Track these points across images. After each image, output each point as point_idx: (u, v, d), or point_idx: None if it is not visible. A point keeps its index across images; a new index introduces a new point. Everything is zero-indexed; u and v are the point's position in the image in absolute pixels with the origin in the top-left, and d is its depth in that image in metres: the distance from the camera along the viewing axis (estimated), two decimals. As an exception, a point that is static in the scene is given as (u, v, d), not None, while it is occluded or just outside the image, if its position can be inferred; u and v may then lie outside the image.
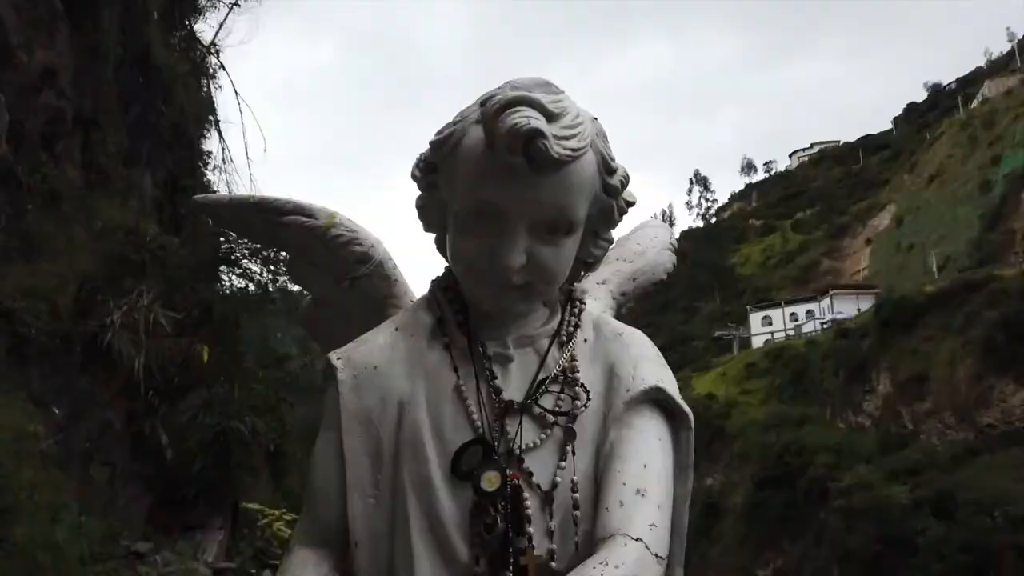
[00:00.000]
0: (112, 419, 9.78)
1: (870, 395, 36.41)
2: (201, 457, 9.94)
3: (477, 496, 1.06)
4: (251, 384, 11.50)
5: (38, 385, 8.80)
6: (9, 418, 7.89)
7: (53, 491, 8.16)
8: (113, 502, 9.65)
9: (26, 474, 7.64)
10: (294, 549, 1.20)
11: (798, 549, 33.15)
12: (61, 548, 7.68)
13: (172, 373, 10.21)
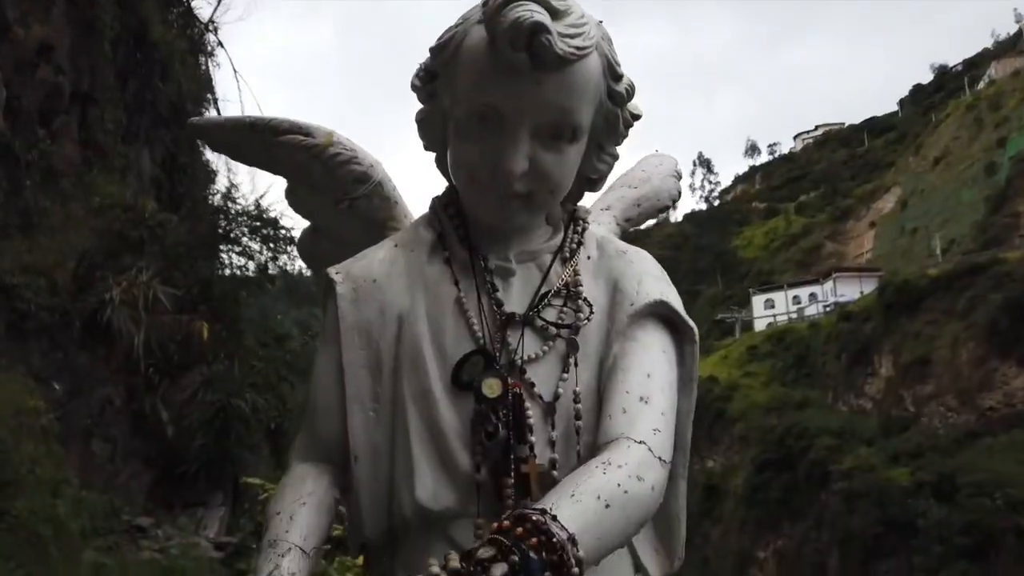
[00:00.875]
0: (112, 395, 9.80)
1: (872, 378, 36.42)
2: (202, 434, 9.98)
3: (478, 403, 1.05)
4: (251, 362, 11.52)
5: (38, 361, 8.82)
6: (9, 393, 7.91)
7: (54, 466, 8.20)
8: (114, 478, 9.69)
9: (26, 449, 7.67)
10: (293, 465, 1.19)
11: (799, 531, 33.31)
12: (62, 522, 7.72)
13: (172, 350, 10.23)
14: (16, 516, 6.85)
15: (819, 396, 38.50)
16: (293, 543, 1.06)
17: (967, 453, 29.46)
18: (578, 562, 0.84)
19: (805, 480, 33.34)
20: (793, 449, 34.30)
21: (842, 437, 33.48)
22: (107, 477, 9.49)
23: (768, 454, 35.10)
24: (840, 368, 38.05)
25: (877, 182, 60.51)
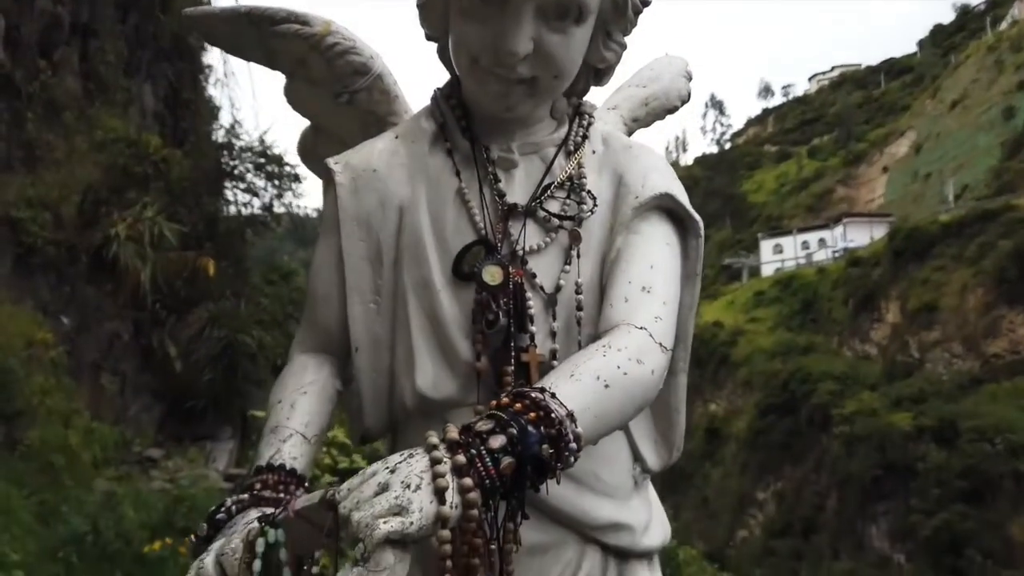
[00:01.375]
0: (120, 330, 9.89)
1: (878, 324, 36.46)
2: (209, 369, 10.09)
3: (479, 291, 1.04)
4: (258, 299, 11.58)
5: (46, 295, 8.87)
6: (18, 326, 7.98)
7: (64, 398, 8.32)
8: (124, 411, 9.84)
9: (37, 380, 7.78)
10: (294, 356, 1.18)
11: (799, 473, 33.85)
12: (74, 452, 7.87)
13: (178, 286, 10.27)
14: (29, 445, 7.00)
15: (824, 342, 38.63)
16: (295, 429, 1.06)
17: (970, 399, 29.66)
18: (576, 438, 0.84)
19: (807, 424, 33.72)
20: (796, 394, 34.59)
21: (845, 382, 33.70)
22: (117, 410, 9.66)
23: (771, 398, 35.43)
24: (846, 314, 38.06)
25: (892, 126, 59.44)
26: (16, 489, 6.38)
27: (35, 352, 7.96)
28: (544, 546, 1.00)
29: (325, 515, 0.78)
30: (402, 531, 0.71)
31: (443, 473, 0.75)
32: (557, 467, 0.81)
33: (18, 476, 6.64)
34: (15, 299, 8.16)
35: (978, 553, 25.75)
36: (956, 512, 26.80)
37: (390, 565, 0.71)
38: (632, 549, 1.04)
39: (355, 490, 0.76)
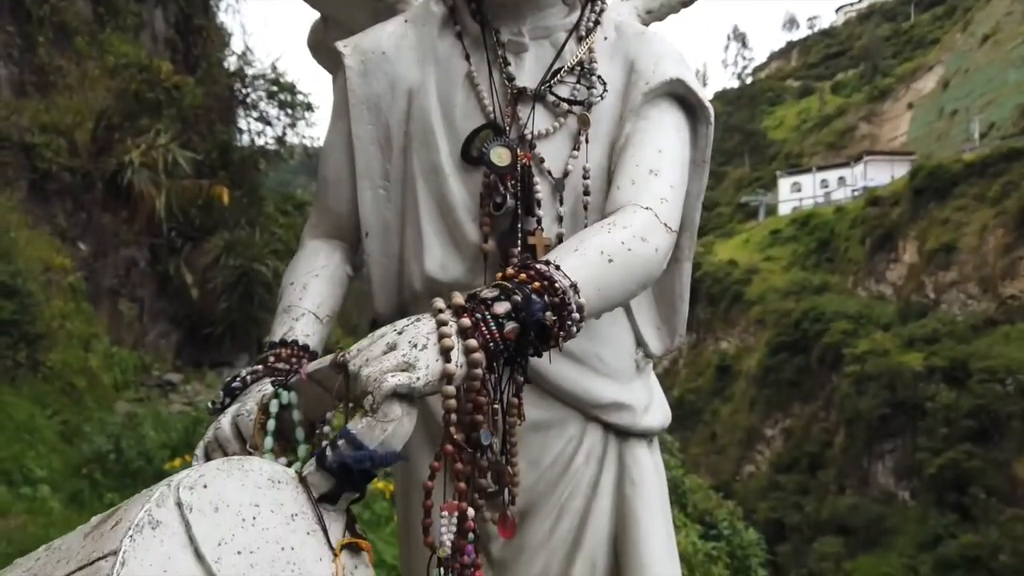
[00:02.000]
0: (137, 257, 9.98)
1: (895, 264, 36.17)
2: (226, 297, 10.20)
3: (487, 173, 1.04)
4: (272, 229, 11.61)
5: (62, 221, 8.94)
6: (36, 251, 8.06)
7: (84, 322, 8.46)
8: (142, 337, 10.01)
9: (56, 305, 7.90)
10: (306, 241, 1.21)
11: (807, 411, 34.17)
12: (95, 374, 8.05)
13: (193, 214, 10.31)
14: (50, 367, 7.16)
15: (839, 281, 38.43)
16: (307, 309, 1.08)
17: (983, 340, 29.59)
18: (578, 308, 0.85)
19: (818, 363, 33.86)
20: (808, 332, 34.63)
21: (859, 322, 33.66)
22: (136, 336, 9.84)
23: (783, 337, 35.50)
24: (863, 254, 37.74)
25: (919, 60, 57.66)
26: (40, 409, 6.57)
27: (53, 277, 8.07)
28: (548, 423, 1.03)
29: (335, 377, 0.81)
30: (409, 385, 0.73)
31: (449, 334, 0.77)
32: (559, 335, 0.83)
33: (41, 397, 6.81)
34: (32, 225, 8.24)
35: (982, 491, 26.13)
36: (962, 451, 27.09)
37: (397, 416, 0.73)
38: (632, 428, 1.07)
39: (364, 350, 0.78)
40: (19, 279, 6.87)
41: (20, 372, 6.84)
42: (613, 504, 1.05)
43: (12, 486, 5.16)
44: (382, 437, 0.72)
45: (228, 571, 0.62)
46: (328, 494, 0.73)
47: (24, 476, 5.34)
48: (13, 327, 6.71)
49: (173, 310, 10.37)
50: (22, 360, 6.85)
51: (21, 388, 6.72)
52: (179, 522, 0.62)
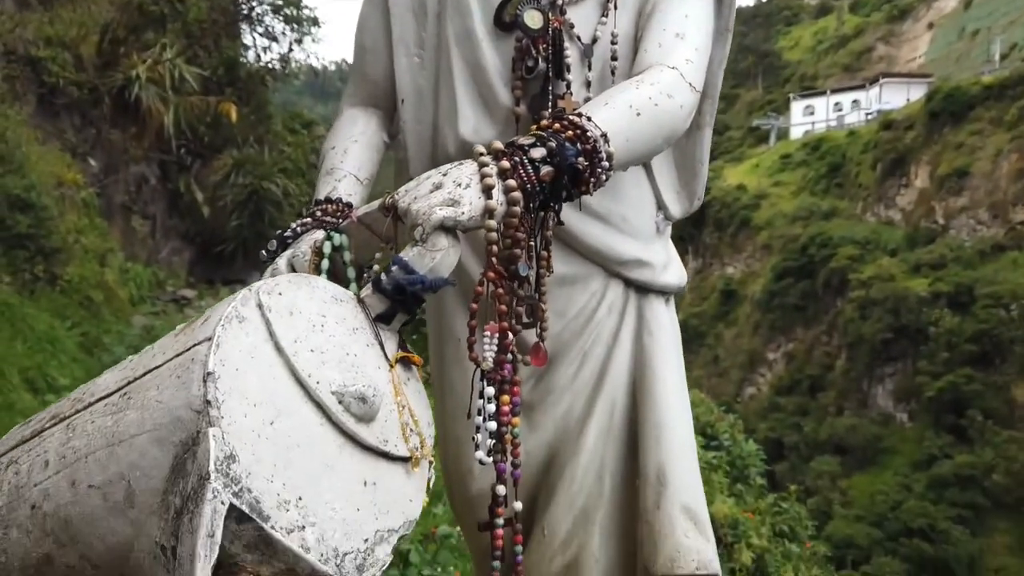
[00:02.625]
0: (147, 174, 9.99)
1: (905, 189, 35.80)
2: (236, 215, 10.26)
3: (519, 37, 1.08)
4: (280, 147, 11.56)
5: (72, 136, 8.92)
6: (48, 165, 8.07)
7: (99, 238, 8.55)
8: (156, 254, 10.12)
9: (71, 220, 7.96)
10: (344, 109, 1.27)
11: (810, 335, 34.48)
12: (111, 288, 8.17)
13: (202, 131, 10.26)
14: (68, 281, 7.27)
15: (848, 207, 38.14)
16: (348, 171, 1.16)
17: (990, 266, 29.56)
18: (608, 156, 0.91)
19: (823, 288, 33.97)
20: (815, 258, 34.61)
21: (866, 247, 33.60)
22: (149, 253, 9.95)
23: (789, 262, 35.51)
24: (873, 179, 37.31)
25: (943, -23, 55.52)
26: (59, 321, 6.71)
27: (66, 192, 8.11)
28: (574, 277, 1.11)
29: (383, 219, 0.88)
30: (455, 218, 0.81)
31: (490, 174, 0.84)
32: (590, 181, 0.90)
33: (60, 309, 6.95)
34: (42, 140, 8.23)
35: (980, 413, 26.60)
36: (962, 375, 27.44)
37: (444, 247, 0.81)
38: (651, 284, 1.15)
39: (412, 190, 0.85)
40: (33, 193, 6.91)
41: (38, 285, 6.95)
42: (632, 352, 1.14)
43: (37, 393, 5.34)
44: (431, 264, 0.80)
45: (303, 364, 0.71)
46: (383, 314, 0.81)
47: (48, 384, 5.51)
48: (29, 241, 6.79)
49: (185, 227, 10.45)
50: (40, 273, 6.96)
51: (40, 301, 6.85)
52: (260, 320, 0.71)
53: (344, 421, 0.71)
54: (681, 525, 1.06)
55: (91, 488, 0.66)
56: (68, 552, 0.68)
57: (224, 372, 0.64)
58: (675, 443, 1.09)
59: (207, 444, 0.61)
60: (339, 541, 0.66)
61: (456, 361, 1.16)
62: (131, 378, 0.72)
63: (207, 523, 0.58)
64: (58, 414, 0.77)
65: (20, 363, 5.53)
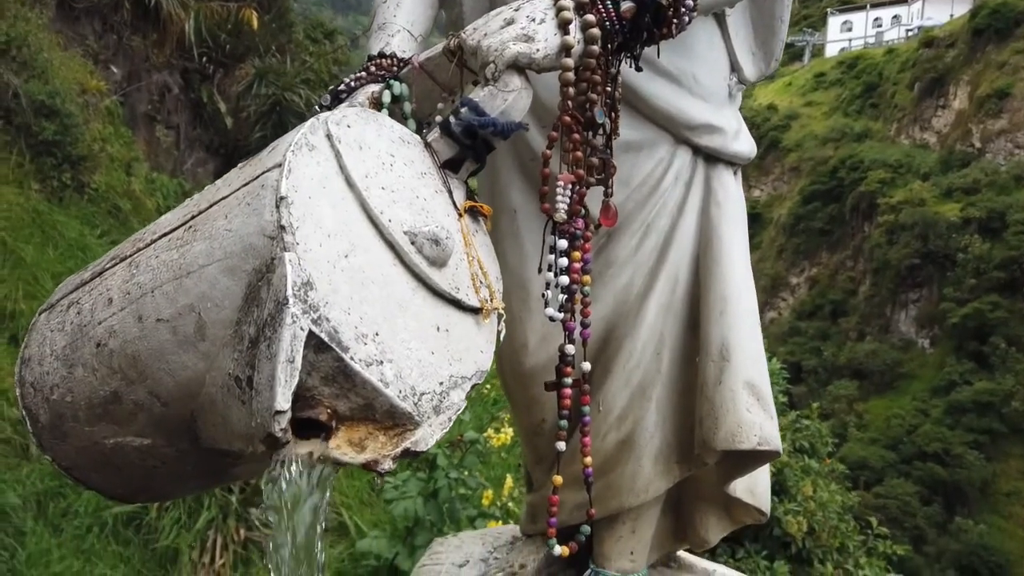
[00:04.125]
0: (170, 83, 9.87)
1: (942, 111, 34.60)
2: (260, 127, 10.15)
3: None
4: (303, 57, 11.33)
5: (93, 43, 8.78)
6: (71, 72, 7.98)
7: (124, 147, 8.52)
8: (181, 164, 10.10)
9: (96, 127, 7.92)
10: None
11: (834, 260, 34.11)
12: (138, 197, 8.19)
13: (223, 40, 10.06)
14: (96, 189, 7.29)
15: (882, 128, 37.04)
16: (401, 26, 1.09)
17: None
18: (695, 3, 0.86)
19: (851, 212, 33.40)
20: (844, 181, 33.91)
21: (898, 171, 32.80)
22: (174, 163, 9.92)
23: (817, 185, 34.85)
24: (910, 99, 36.08)
25: None
26: (89, 229, 6.76)
27: (90, 100, 8.04)
28: (640, 143, 1.05)
29: (447, 65, 0.82)
30: (529, 55, 0.75)
31: (567, 7, 0.78)
32: (673, 22, 0.83)
33: (89, 217, 6.99)
34: (64, 45, 8.11)
35: (1003, 340, 26.41)
36: (988, 301, 27.13)
37: (517, 88, 0.75)
38: (722, 151, 1.09)
39: (482, 26, 0.79)
40: (58, 100, 6.86)
41: (67, 193, 6.98)
42: (698, 224, 1.09)
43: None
44: (503, 106, 0.75)
45: (375, 201, 0.67)
46: (451, 161, 0.77)
47: (80, 288, 5.59)
48: (56, 148, 6.78)
49: (208, 138, 10.38)
50: (68, 181, 6.97)
51: (69, 208, 6.89)
52: (330, 150, 0.66)
53: (417, 263, 0.68)
54: (743, 400, 1.03)
55: (159, 322, 0.64)
56: (136, 389, 0.66)
57: (297, 198, 0.61)
58: (740, 317, 1.05)
59: (283, 269, 0.57)
60: (416, 380, 0.64)
61: (511, 235, 1.12)
62: (195, 212, 0.68)
63: (286, 348, 0.56)
64: (118, 255, 0.74)
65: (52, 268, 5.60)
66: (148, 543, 3.36)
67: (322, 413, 0.59)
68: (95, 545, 3.21)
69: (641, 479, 1.11)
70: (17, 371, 0.75)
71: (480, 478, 3.48)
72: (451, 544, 1.39)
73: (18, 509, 3.19)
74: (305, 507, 0.59)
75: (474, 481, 3.30)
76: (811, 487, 6.18)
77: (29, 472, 3.54)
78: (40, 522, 3.21)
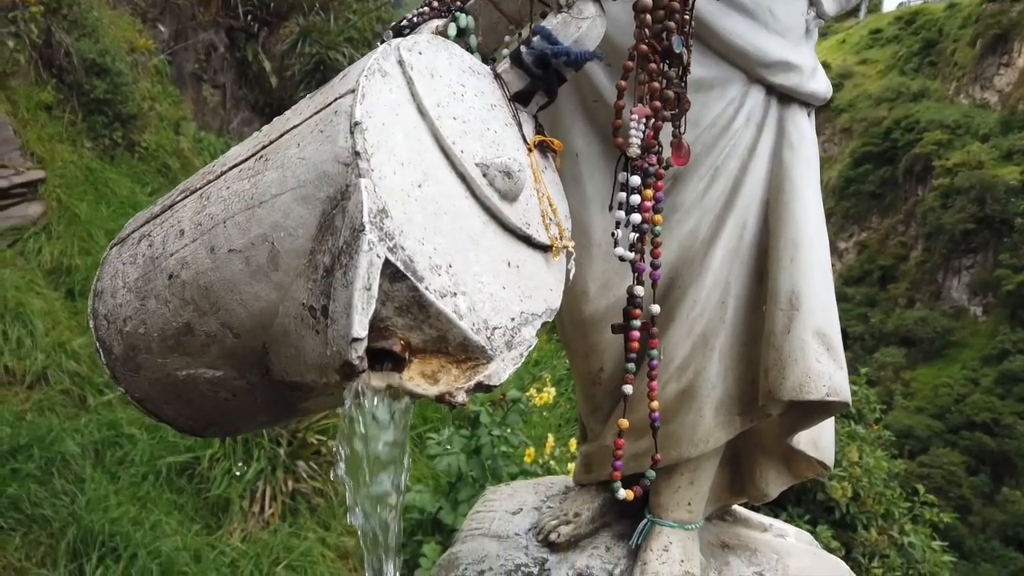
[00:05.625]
0: (216, 42, 9.93)
1: (1005, 69, 33.13)
2: (304, 86, 10.17)
3: None
4: (347, 15, 11.29)
5: (141, 1, 8.85)
6: (119, 30, 8.06)
7: (172, 106, 8.63)
8: (227, 124, 10.20)
9: (144, 87, 8.02)
10: None
11: (885, 225, 33.27)
12: (187, 157, 8.31)
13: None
14: (146, 148, 7.42)
15: (940, 87, 35.69)
16: None
17: (1091, 153, 27.61)
18: None
19: (904, 174, 32.43)
20: (898, 143, 32.88)
21: (955, 132, 31.66)
22: (220, 123, 10.03)
23: (870, 147, 33.86)
24: (972, 57, 34.59)
25: None
26: (139, 187, 6.89)
27: (138, 58, 8.13)
28: (710, 82, 1.00)
29: None
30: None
31: None
32: None
33: (139, 175, 7.12)
34: (112, 4, 8.18)
35: (1061, 308, 25.62)
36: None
37: (591, 15, 0.72)
38: (797, 90, 1.04)
39: None
40: (108, 58, 6.94)
41: (118, 151, 7.10)
42: (769, 168, 1.04)
43: (125, 253, 5.55)
44: (576, 35, 0.72)
45: (447, 131, 0.65)
46: (521, 93, 0.74)
47: (135, 245, 5.71)
48: (107, 106, 6.89)
49: (254, 97, 10.46)
50: (119, 139, 7.09)
51: (120, 166, 7.02)
52: (402, 77, 0.65)
53: (488, 196, 0.66)
54: (813, 349, 1.00)
55: (231, 253, 0.63)
56: (208, 320, 0.66)
57: (371, 124, 0.59)
58: (811, 264, 1.01)
59: (359, 196, 0.56)
60: (488, 314, 0.62)
61: (572, 179, 1.08)
62: (265, 143, 0.67)
63: (363, 275, 0.55)
64: (187, 188, 0.74)
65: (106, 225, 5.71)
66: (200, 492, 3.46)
67: (396, 344, 0.58)
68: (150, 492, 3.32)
69: (701, 430, 1.09)
70: (90, 304, 0.75)
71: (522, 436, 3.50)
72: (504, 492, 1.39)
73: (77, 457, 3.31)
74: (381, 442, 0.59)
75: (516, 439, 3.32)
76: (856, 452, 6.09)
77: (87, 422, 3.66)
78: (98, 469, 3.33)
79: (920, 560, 5.05)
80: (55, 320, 4.29)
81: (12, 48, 5.84)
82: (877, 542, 5.06)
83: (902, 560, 4.98)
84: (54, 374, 3.89)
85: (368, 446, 0.59)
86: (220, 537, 3.24)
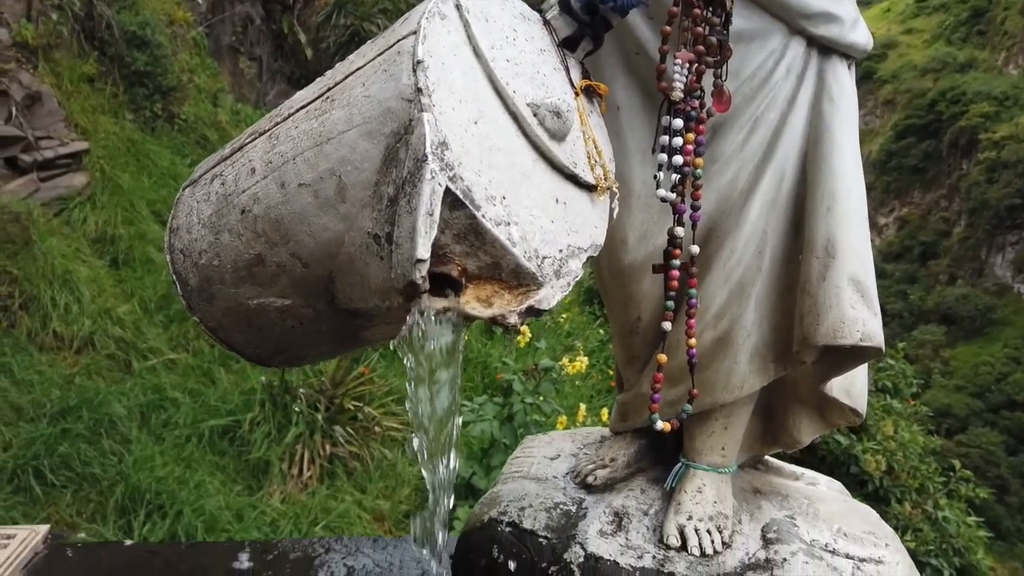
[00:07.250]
0: (252, 14, 10.01)
1: (1058, 38, 31.98)
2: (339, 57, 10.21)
3: None
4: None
5: (185, -26, 8.94)
6: (158, 2, 8.16)
7: (210, 78, 8.74)
8: (263, 96, 10.31)
9: (183, 58, 8.14)
10: None
11: (927, 199, 32.51)
12: (225, 129, 8.43)
13: (303, -32, 10.10)
14: (185, 120, 7.53)
15: (988, 58, 34.55)
16: None
17: None
18: None
19: (948, 148, 31.59)
20: (943, 115, 31.98)
21: (1003, 104, 30.68)
22: (257, 95, 10.14)
23: (913, 119, 33.00)
24: (1022, 25, 33.39)
25: None
26: (179, 158, 7.01)
27: (177, 31, 8.23)
28: (751, 33, 1.02)
29: None
30: None
31: None
32: None
33: (179, 147, 7.24)
34: (150, -25, 8.28)
35: (1109, 286, 24.88)
36: (1095, 246, 25.52)
37: None
38: (838, 41, 1.05)
39: None
40: (148, 30, 7.05)
41: (158, 123, 7.23)
42: (808, 120, 1.06)
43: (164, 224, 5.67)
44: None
45: (500, 72, 0.69)
46: (569, 39, 0.78)
47: (173, 215, 5.82)
48: (147, 78, 7.00)
49: (290, 69, 10.55)
50: (159, 111, 7.21)
51: (161, 138, 7.14)
52: (459, 21, 0.69)
53: (538, 135, 0.70)
54: (848, 296, 1.02)
55: (301, 187, 0.68)
56: (279, 251, 0.71)
57: (432, 63, 0.63)
58: (848, 213, 1.03)
59: (421, 129, 0.60)
60: (538, 244, 0.67)
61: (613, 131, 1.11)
62: (330, 84, 0.72)
63: (426, 201, 0.59)
64: (256, 130, 0.79)
65: (148, 196, 5.82)
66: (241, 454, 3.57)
67: (453, 269, 0.63)
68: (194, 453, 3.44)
69: (736, 376, 1.12)
70: (167, 240, 0.81)
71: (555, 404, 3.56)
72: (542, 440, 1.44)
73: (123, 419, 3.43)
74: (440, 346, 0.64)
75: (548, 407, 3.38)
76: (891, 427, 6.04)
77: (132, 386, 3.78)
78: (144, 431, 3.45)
79: (954, 535, 5.02)
80: (100, 287, 4.41)
81: (55, 20, 5.96)
82: (911, 515, 5.04)
83: (936, 534, 4.96)
84: (100, 339, 4.01)
85: (427, 349, 0.64)
86: (260, 498, 3.34)
